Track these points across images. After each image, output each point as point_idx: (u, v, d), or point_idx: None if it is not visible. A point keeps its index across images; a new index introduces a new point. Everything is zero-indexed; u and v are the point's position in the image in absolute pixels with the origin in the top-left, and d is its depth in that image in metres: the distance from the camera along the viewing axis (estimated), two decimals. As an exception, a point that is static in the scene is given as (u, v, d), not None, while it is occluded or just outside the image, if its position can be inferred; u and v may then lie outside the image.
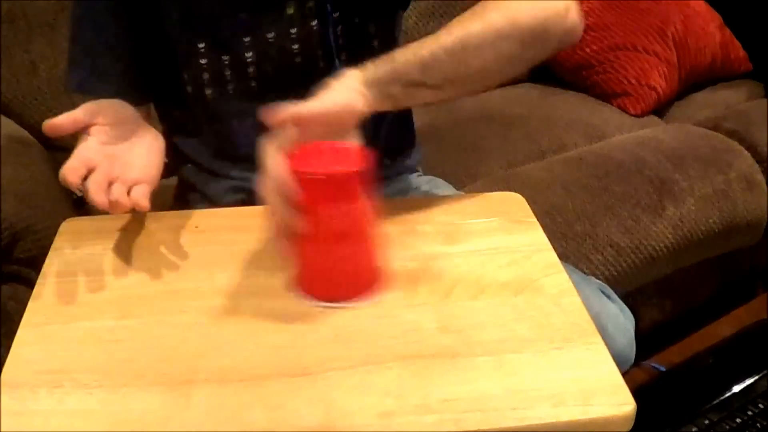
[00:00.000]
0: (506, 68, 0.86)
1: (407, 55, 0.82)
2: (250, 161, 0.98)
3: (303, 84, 0.96)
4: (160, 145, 0.90)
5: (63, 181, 0.78)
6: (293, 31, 0.94)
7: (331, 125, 0.77)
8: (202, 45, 0.93)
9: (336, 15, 0.95)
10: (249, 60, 0.94)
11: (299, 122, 0.75)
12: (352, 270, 0.75)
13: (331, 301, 0.74)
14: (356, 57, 0.98)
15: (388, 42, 1.02)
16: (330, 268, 0.74)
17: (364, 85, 0.82)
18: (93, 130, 0.85)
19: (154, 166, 0.87)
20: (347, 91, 0.81)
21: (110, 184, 0.79)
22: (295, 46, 0.95)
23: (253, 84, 0.95)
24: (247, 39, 0.93)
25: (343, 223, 0.72)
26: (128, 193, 0.79)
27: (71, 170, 0.78)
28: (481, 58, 0.83)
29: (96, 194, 0.77)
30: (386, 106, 0.84)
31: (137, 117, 0.91)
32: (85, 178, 0.79)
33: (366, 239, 0.75)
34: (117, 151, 0.85)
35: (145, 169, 0.85)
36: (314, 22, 0.95)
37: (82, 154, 0.82)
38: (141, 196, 0.79)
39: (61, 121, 0.82)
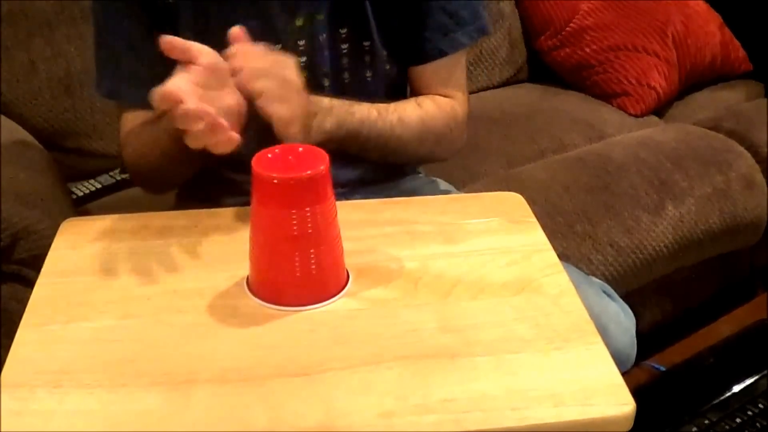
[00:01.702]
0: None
1: (371, 122, 0.95)
2: (250, 168, 0.98)
3: None
4: (242, 109, 0.83)
5: (161, 94, 0.73)
6: (301, 43, 0.95)
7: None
8: None
9: (344, 32, 0.96)
10: None
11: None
12: (311, 273, 0.73)
13: (285, 305, 0.73)
14: (361, 77, 0.99)
15: (396, 65, 1.02)
16: (287, 271, 0.73)
17: (325, 123, 0.90)
18: (191, 68, 0.79)
19: (236, 119, 0.82)
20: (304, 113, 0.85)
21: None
22: (303, 59, 0.95)
23: None
24: None
25: (302, 226, 0.71)
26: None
27: (170, 84, 0.74)
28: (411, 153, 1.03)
29: (191, 99, 0.73)
30: (319, 141, 0.89)
31: (228, 76, 0.84)
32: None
33: (324, 242, 0.73)
34: (206, 96, 0.79)
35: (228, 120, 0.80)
36: (322, 37, 0.95)
37: (177, 80, 0.77)
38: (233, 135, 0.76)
39: (176, 42, 0.78)
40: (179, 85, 0.75)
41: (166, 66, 0.96)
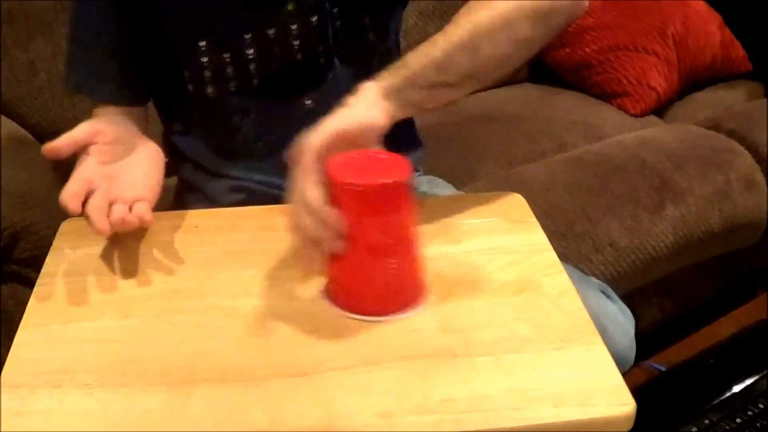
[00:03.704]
0: (521, 51, 0.85)
1: (421, 58, 0.82)
2: (250, 158, 0.97)
3: (304, 80, 0.97)
4: (159, 160, 0.89)
5: (64, 206, 0.77)
6: (293, 27, 0.94)
7: (352, 143, 0.75)
8: (203, 43, 0.93)
9: (335, 11, 0.95)
10: (250, 57, 0.94)
11: (322, 149, 0.73)
12: (391, 283, 0.73)
13: (364, 314, 0.72)
14: (356, 53, 0.99)
15: (388, 39, 1.02)
16: (367, 280, 0.72)
17: (382, 97, 0.81)
18: (92, 149, 0.84)
19: (154, 181, 0.86)
20: (366, 107, 0.80)
21: (111, 204, 0.79)
22: (296, 43, 0.95)
23: (255, 81, 0.95)
24: (247, 36, 0.93)
25: (383, 235, 0.70)
26: (129, 210, 0.79)
27: (71, 196, 0.78)
28: (493, 47, 0.82)
29: (98, 222, 0.77)
30: (409, 113, 0.83)
31: (135, 132, 0.91)
32: (85, 201, 0.79)
33: (405, 252, 0.73)
34: (116, 170, 0.85)
35: (145, 186, 0.84)
36: (314, 18, 0.95)
37: (81, 175, 0.81)
38: (144, 212, 0.79)
39: (61, 144, 0.82)
40: (75, 188, 0.78)
41: (137, 63, 0.96)
